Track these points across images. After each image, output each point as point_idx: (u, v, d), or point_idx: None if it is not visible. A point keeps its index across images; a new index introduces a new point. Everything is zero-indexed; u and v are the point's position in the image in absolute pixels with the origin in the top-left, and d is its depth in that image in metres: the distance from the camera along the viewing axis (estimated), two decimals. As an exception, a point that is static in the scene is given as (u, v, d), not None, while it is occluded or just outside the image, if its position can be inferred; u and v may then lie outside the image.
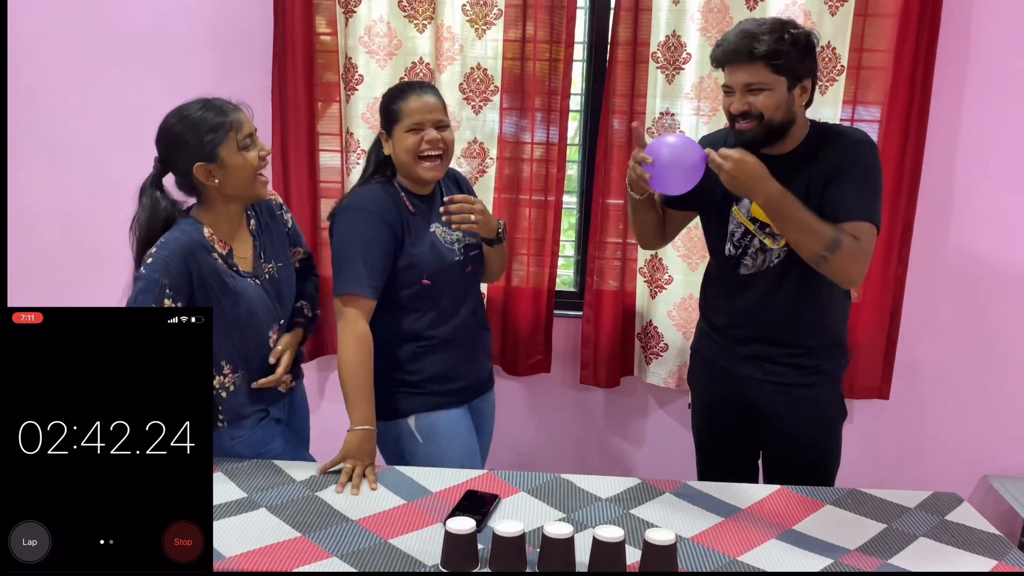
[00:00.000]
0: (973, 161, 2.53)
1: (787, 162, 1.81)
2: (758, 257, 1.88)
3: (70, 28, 2.56)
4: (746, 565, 1.47)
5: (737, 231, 1.90)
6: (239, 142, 1.68)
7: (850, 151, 1.79)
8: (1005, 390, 2.67)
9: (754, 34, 1.73)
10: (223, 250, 1.74)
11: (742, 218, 1.88)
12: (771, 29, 1.73)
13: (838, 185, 1.77)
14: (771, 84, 1.75)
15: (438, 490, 1.71)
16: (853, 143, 1.80)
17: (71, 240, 2.69)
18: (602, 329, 2.60)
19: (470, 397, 2.03)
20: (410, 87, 1.91)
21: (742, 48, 1.74)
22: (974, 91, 2.48)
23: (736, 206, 1.89)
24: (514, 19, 2.43)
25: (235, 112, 1.70)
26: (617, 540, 1.39)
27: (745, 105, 1.77)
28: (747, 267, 1.89)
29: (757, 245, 1.87)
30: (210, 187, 1.70)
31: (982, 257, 2.60)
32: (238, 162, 1.68)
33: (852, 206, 1.75)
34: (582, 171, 2.67)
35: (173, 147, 1.70)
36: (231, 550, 1.45)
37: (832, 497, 1.75)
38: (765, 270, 1.87)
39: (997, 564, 1.51)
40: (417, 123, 1.85)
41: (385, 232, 1.84)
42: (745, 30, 1.75)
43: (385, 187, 1.91)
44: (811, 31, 1.78)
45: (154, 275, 1.62)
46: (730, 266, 1.92)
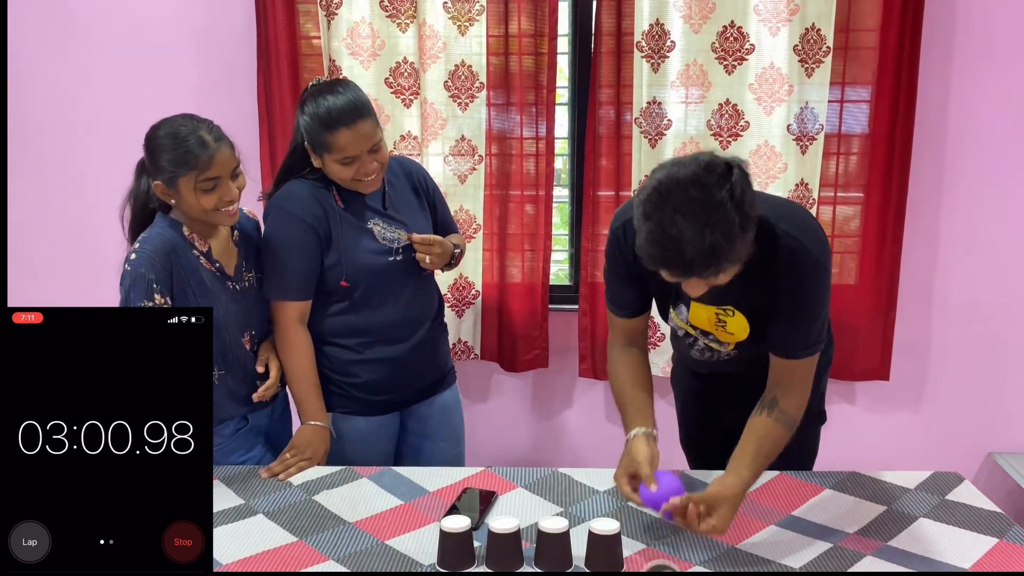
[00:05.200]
0: (963, 137, 2.52)
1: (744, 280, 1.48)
2: (705, 354, 1.73)
3: (56, 33, 2.55)
4: (745, 552, 1.47)
5: (679, 331, 1.74)
6: (198, 183, 1.65)
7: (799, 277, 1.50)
8: (1007, 366, 2.66)
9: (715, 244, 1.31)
10: (203, 248, 1.76)
11: (682, 324, 1.70)
12: (723, 222, 1.31)
13: (778, 317, 1.55)
14: (735, 269, 1.42)
15: (435, 489, 1.71)
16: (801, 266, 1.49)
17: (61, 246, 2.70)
18: (599, 321, 2.59)
19: (400, 405, 2.00)
20: (336, 118, 1.73)
21: (712, 266, 1.35)
22: (961, 67, 2.47)
23: (673, 310, 1.69)
24: (497, 14, 2.42)
25: (210, 151, 1.65)
26: (612, 533, 1.39)
27: (703, 288, 1.44)
28: (696, 359, 1.78)
29: (702, 346, 1.72)
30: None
31: (976, 233, 2.58)
32: (190, 200, 1.67)
33: (793, 346, 1.57)
34: (572, 164, 2.66)
35: (148, 156, 1.72)
36: (228, 556, 1.45)
37: (831, 481, 1.74)
38: (716, 362, 1.74)
39: (998, 542, 1.50)
40: (351, 157, 1.77)
41: (307, 235, 1.82)
42: (697, 240, 1.31)
43: (314, 184, 1.85)
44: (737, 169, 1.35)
45: (140, 270, 1.65)
46: (685, 346, 1.77)
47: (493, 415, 2.74)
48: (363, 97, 1.80)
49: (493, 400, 2.77)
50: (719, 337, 1.66)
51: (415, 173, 2.03)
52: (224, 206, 1.70)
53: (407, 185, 2.00)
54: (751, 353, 1.65)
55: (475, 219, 2.56)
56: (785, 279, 1.50)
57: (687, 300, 1.62)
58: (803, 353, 1.57)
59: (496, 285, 2.60)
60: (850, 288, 2.55)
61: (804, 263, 1.49)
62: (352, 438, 1.94)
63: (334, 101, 1.75)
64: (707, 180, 1.33)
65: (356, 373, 1.92)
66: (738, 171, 1.35)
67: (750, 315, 1.58)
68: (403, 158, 2.08)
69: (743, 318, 1.59)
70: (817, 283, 1.53)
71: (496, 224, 2.57)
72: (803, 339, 1.56)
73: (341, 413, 1.93)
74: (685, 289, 1.46)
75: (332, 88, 1.78)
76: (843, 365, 2.57)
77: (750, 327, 1.60)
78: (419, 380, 2.01)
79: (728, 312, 1.60)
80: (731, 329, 1.62)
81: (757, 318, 1.58)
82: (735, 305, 1.59)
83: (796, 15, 2.36)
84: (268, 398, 1.85)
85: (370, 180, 1.83)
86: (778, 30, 2.37)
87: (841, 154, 2.50)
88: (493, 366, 2.70)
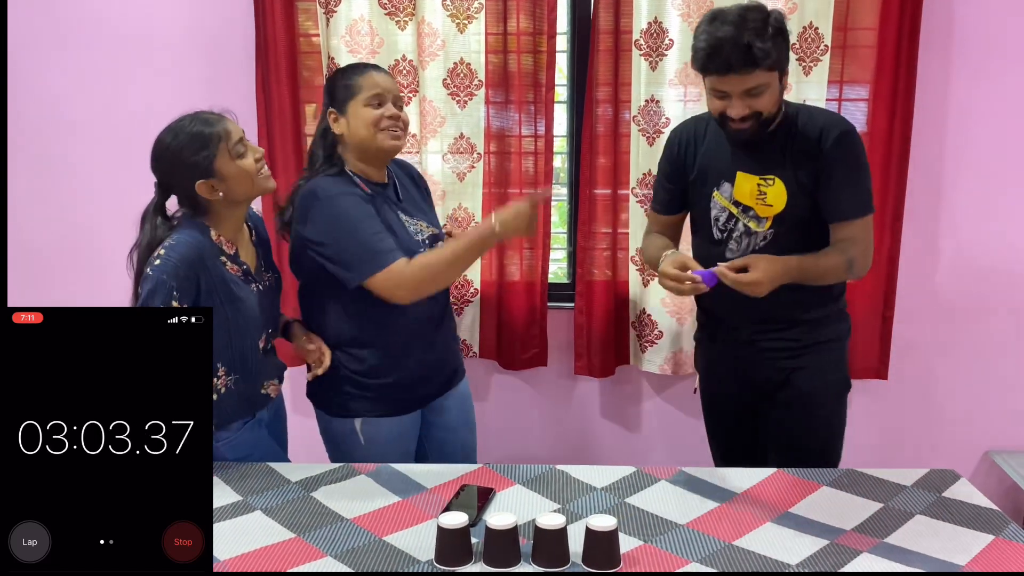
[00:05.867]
0: (961, 135, 2.52)
1: (764, 143, 1.83)
2: (743, 241, 1.88)
3: (52, 32, 2.56)
4: (741, 550, 1.47)
5: (721, 215, 1.89)
6: (231, 151, 1.69)
7: (837, 147, 1.79)
8: (1004, 364, 2.66)
9: (748, 42, 1.67)
10: (230, 250, 1.76)
11: (724, 202, 1.88)
12: (758, 30, 1.68)
13: (832, 187, 1.80)
14: (768, 83, 1.73)
15: (433, 486, 1.71)
16: (839, 136, 1.80)
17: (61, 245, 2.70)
18: (595, 319, 2.60)
19: (425, 401, 2.00)
20: (366, 64, 1.90)
21: (742, 58, 1.68)
22: (959, 66, 2.47)
23: (717, 190, 1.89)
24: (495, 12, 2.42)
25: (221, 123, 1.70)
26: (610, 529, 1.39)
27: (746, 109, 1.75)
28: (732, 251, 1.89)
29: (741, 229, 1.87)
30: (215, 200, 1.71)
31: (973, 232, 2.59)
32: (235, 171, 1.70)
33: (848, 207, 1.83)
34: (570, 162, 2.66)
35: (170, 170, 1.70)
36: (226, 553, 1.45)
37: (829, 478, 1.75)
38: (752, 252, 1.86)
39: (994, 539, 1.51)
40: (378, 95, 1.82)
41: (370, 205, 1.80)
42: (736, 37, 1.67)
43: (336, 177, 1.84)
44: (779, 12, 1.75)
45: (162, 276, 1.62)
46: (720, 249, 1.91)
47: (491, 413, 2.74)
48: None
49: (491, 398, 2.77)
50: (758, 212, 1.84)
51: (415, 174, 2.07)
52: (262, 167, 1.75)
53: (410, 183, 2.03)
54: (785, 237, 1.84)
55: (474, 217, 2.56)
56: (833, 150, 1.79)
57: (731, 176, 1.86)
58: (861, 212, 1.84)
59: (495, 283, 2.60)
60: (848, 287, 2.54)
61: (847, 135, 1.81)
62: (379, 441, 1.92)
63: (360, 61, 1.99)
64: (753, 6, 1.73)
65: (388, 373, 1.90)
66: (780, 13, 1.74)
67: (790, 186, 1.81)
68: (400, 159, 2.07)
69: (782, 186, 1.82)
70: (859, 153, 1.83)
71: (495, 222, 2.57)
72: (860, 200, 1.84)
73: (368, 417, 1.91)
74: (730, 112, 1.76)
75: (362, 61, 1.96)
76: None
77: (787, 197, 1.81)
78: (442, 374, 2.02)
79: (769, 181, 1.83)
80: (770, 200, 1.83)
81: (795, 189, 1.81)
82: (776, 174, 1.82)
83: (794, 13, 2.36)
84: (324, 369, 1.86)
85: (395, 134, 1.84)
86: (776, 29, 2.37)
87: (839, 152, 2.50)
88: (492, 364, 2.70)
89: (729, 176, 1.87)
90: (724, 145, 1.88)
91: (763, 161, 1.82)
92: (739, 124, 1.78)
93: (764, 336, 1.93)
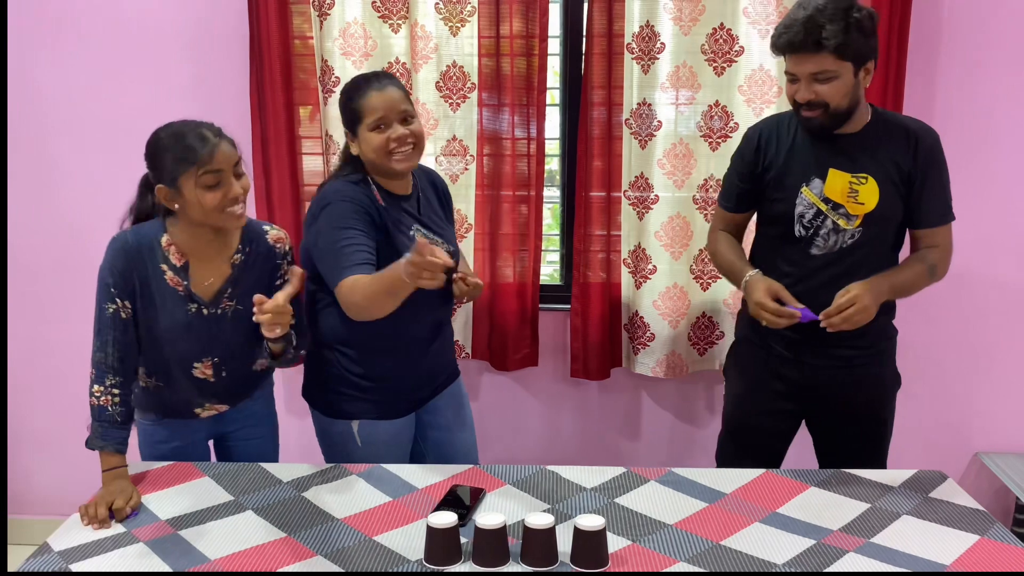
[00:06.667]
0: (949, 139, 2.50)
1: (855, 142, 1.86)
2: (830, 238, 1.88)
3: (48, 32, 2.56)
4: (728, 549, 1.48)
5: (808, 212, 1.88)
6: (199, 180, 1.62)
7: (930, 153, 1.85)
8: (994, 367, 2.67)
9: (820, 23, 1.70)
10: (178, 262, 1.72)
11: (814, 199, 1.87)
12: (834, 15, 1.71)
13: (923, 193, 1.86)
14: (838, 72, 1.74)
15: (424, 486, 1.72)
16: (931, 144, 1.86)
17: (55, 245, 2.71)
18: (590, 321, 2.61)
19: (419, 404, 2.01)
20: (367, 81, 1.83)
21: (809, 38, 1.72)
22: (947, 70, 2.48)
23: (807, 186, 1.88)
24: (488, 16, 2.43)
25: (211, 147, 1.63)
26: (598, 529, 1.40)
27: (811, 94, 1.77)
28: (819, 247, 1.89)
29: (830, 226, 1.87)
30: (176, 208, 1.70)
31: (963, 235, 2.58)
32: (194, 198, 1.64)
33: (936, 214, 1.90)
34: (564, 164, 2.68)
35: (149, 161, 1.71)
36: (217, 552, 1.46)
37: (817, 479, 1.76)
38: (838, 250, 1.88)
39: (979, 539, 1.52)
40: (381, 119, 1.79)
41: (364, 218, 1.79)
42: (812, 18, 1.71)
43: (355, 184, 1.83)
44: (872, 10, 1.77)
45: (103, 272, 1.70)
46: (800, 247, 1.90)
47: (483, 413, 2.75)
48: (395, 78, 1.89)
49: (483, 398, 2.78)
50: (849, 210, 1.85)
51: (439, 185, 2.06)
52: (229, 205, 1.66)
53: (434, 195, 2.02)
54: (873, 237, 1.87)
55: (467, 219, 2.57)
56: (926, 155, 1.85)
57: (823, 173, 1.86)
58: (947, 217, 1.91)
59: (488, 285, 2.61)
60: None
61: (938, 142, 1.87)
62: (376, 443, 1.92)
63: (369, 75, 1.88)
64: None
65: (385, 376, 1.91)
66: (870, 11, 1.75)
67: (883, 185, 1.83)
68: (428, 168, 2.07)
69: (875, 185, 1.84)
70: (943, 162, 1.89)
71: (488, 224, 2.58)
72: (947, 206, 1.91)
73: (365, 419, 1.91)
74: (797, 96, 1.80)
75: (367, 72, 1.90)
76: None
77: (880, 196, 1.83)
78: (437, 377, 2.04)
79: (862, 180, 1.84)
80: (863, 198, 1.84)
81: (888, 189, 1.84)
82: (870, 172, 1.84)
83: (785, 17, 2.38)
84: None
85: (403, 154, 1.81)
86: (767, 32, 2.38)
87: (830, 156, 2.52)
88: (484, 365, 2.71)
89: (820, 172, 1.87)
90: (814, 142, 1.88)
91: (856, 159, 1.84)
92: (807, 111, 1.80)
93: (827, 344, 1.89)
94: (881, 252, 1.90)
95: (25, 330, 2.74)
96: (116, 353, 1.69)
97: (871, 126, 1.87)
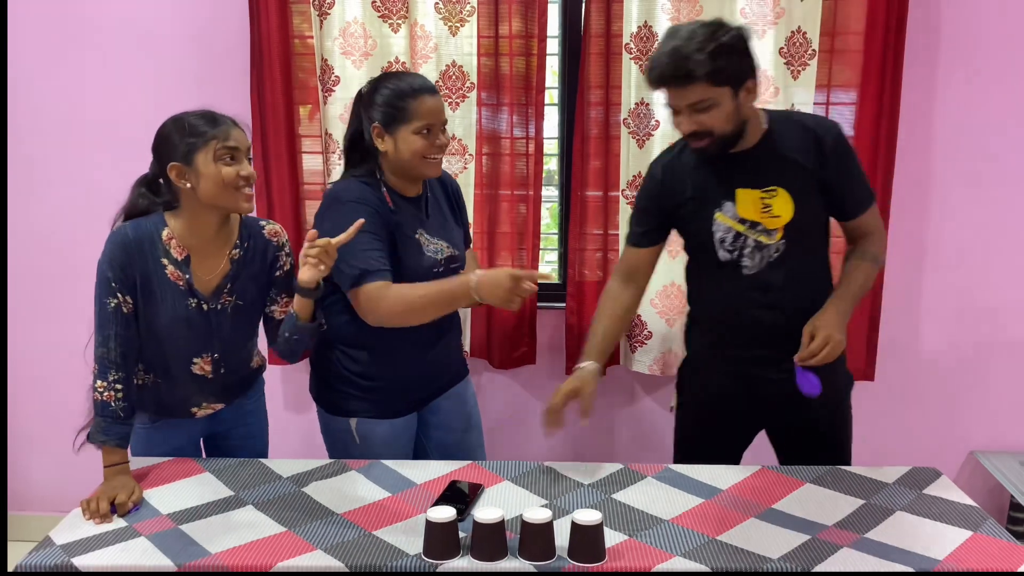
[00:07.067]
0: (945, 139, 2.55)
1: (756, 156, 1.82)
2: (756, 256, 1.84)
3: (49, 33, 2.57)
4: (724, 544, 1.50)
5: (727, 236, 1.85)
6: (216, 152, 1.65)
7: (834, 147, 1.81)
8: (989, 366, 2.69)
9: (687, 54, 1.66)
10: (179, 256, 1.73)
11: (730, 222, 1.84)
12: (702, 43, 1.66)
13: (846, 184, 1.85)
14: (715, 99, 1.70)
15: (423, 482, 1.73)
16: (833, 137, 1.82)
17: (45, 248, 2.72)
18: (586, 320, 2.62)
19: (421, 404, 2.02)
20: (420, 87, 1.83)
21: (679, 71, 1.67)
22: (944, 70, 2.51)
23: (719, 211, 1.85)
24: (487, 16, 2.44)
25: (225, 126, 1.68)
26: (595, 523, 1.42)
27: (694, 125, 1.73)
28: (748, 268, 1.85)
29: (752, 244, 1.84)
30: (184, 191, 1.69)
31: (958, 235, 2.62)
32: (210, 171, 1.65)
33: (860, 202, 1.88)
34: (562, 164, 2.69)
35: (157, 146, 1.71)
36: (217, 546, 1.47)
37: (812, 476, 1.78)
38: (767, 266, 1.85)
39: (972, 534, 1.54)
40: (429, 126, 1.80)
41: (378, 220, 1.80)
42: (677, 49, 1.67)
43: (367, 185, 1.84)
44: (742, 27, 1.73)
45: (103, 267, 1.70)
46: (730, 270, 1.87)
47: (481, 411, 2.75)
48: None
49: (481, 396, 2.76)
50: (766, 225, 1.83)
51: (450, 185, 2.07)
52: (243, 185, 1.68)
53: (443, 195, 2.03)
54: (797, 244, 1.84)
55: (465, 217, 2.58)
56: (832, 150, 1.81)
57: (732, 195, 1.83)
58: (868, 204, 1.89)
59: (486, 283, 2.62)
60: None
61: (839, 136, 1.83)
62: (374, 442, 1.93)
63: (415, 77, 1.89)
64: (708, 21, 1.71)
65: (390, 375, 1.93)
66: (739, 29, 1.71)
67: (794, 193, 1.81)
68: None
69: (787, 195, 1.81)
70: (850, 146, 1.86)
71: (486, 223, 2.59)
72: (865, 190, 1.89)
73: (363, 417, 1.93)
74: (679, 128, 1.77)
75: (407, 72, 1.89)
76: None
77: (794, 204, 1.81)
78: (440, 379, 2.05)
79: (772, 192, 1.81)
80: (777, 211, 1.82)
81: (800, 196, 1.81)
82: (777, 183, 1.81)
83: (782, 18, 2.39)
84: None
85: (437, 160, 1.85)
86: (764, 33, 2.41)
87: (827, 156, 2.53)
88: (482, 363, 2.73)
89: (728, 195, 1.83)
90: (715, 166, 1.84)
91: (760, 173, 1.81)
92: (695, 141, 1.76)
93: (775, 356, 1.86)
94: (811, 256, 1.88)
95: (22, 327, 2.75)
96: (118, 348, 1.69)
97: (768, 136, 1.82)
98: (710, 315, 1.99)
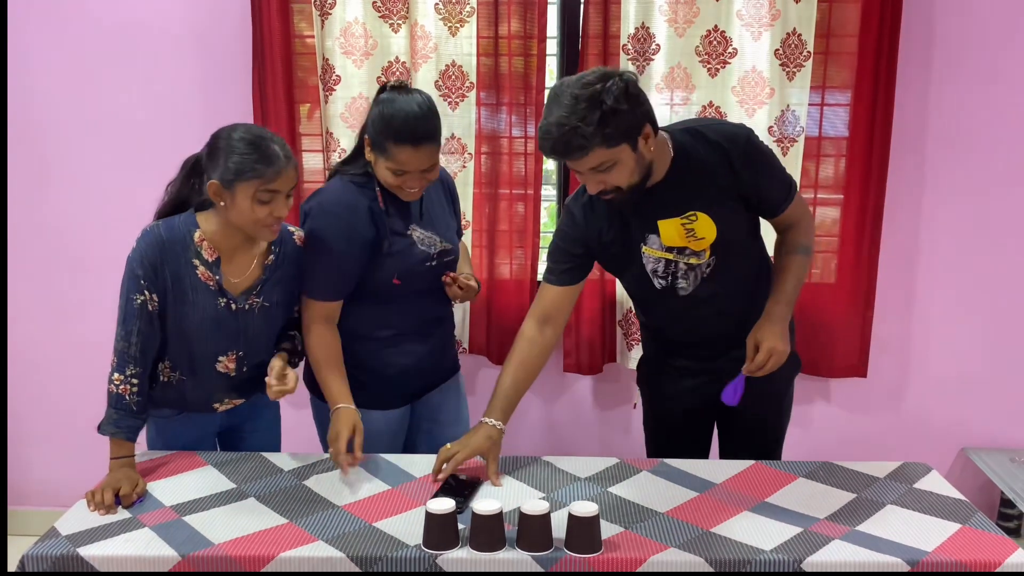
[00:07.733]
0: (939, 140, 2.58)
1: (669, 186, 1.76)
2: (689, 276, 1.84)
3: (50, 32, 2.59)
4: (718, 536, 1.53)
5: (658, 266, 1.84)
6: (257, 192, 1.67)
7: (745, 156, 1.75)
8: (981, 363, 2.72)
9: (573, 127, 1.57)
10: (210, 257, 1.76)
11: (658, 253, 1.83)
12: (585, 113, 1.56)
13: (760, 189, 1.80)
14: (614, 158, 1.63)
15: (422, 475, 1.76)
16: (741, 146, 1.75)
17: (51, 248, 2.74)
18: (583, 318, 2.65)
19: (414, 397, 2.05)
20: (410, 134, 1.75)
21: (570, 146, 1.60)
22: (938, 72, 2.53)
23: (645, 245, 1.83)
24: (487, 16, 2.47)
25: (276, 167, 1.67)
26: (591, 515, 1.44)
27: (600, 185, 1.69)
28: (684, 288, 1.86)
29: (683, 268, 1.83)
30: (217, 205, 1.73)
31: (951, 233, 2.65)
32: (245, 206, 1.68)
33: (782, 197, 1.85)
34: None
35: (209, 151, 1.73)
36: (220, 537, 1.50)
37: (805, 470, 1.81)
38: (702, 281, 1.85)
39: (961, 527, 1.57)
40: (402, 171, 1.80)
41: (355, 236, 1.84)
42: (562, 123, 1.57)
43: (359, 187, 1.88)
44: (625, 74, 1.62)
45: (133, 264, 1.72)
46: (666, 295, 1.87)
47: (481, 407, 2.77)
48: (437, 119, 1.81)
49: (481, 392, 2.81)
50: (693, 248, 1.81)
51: (446, 180, 2.10)
52: (273, 222, 1.71)
53: (440, 190, 2.05)
54: (728, 256, 1.83)
55: (465, 216, 2.61)
56: (743, 160, 1.75)
57: (654, 228, 1.80)
58: (789, 199, 1.86)
59: (485, 282, 2.65)
60: (829, 287, 2.62)
61: (747, 143, 1.77)
62: (368, 434, 1.92)
63: (410, 113, 1.76)
64: (589, 80, 1.60)
65: (384, 367, 1.96)
66: (620, 79, 1.60)
67: (712, 212, 1.77)
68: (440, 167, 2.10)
69: (706, 217, 1.78)
70: (761, 148, 1.80)
71: (485, 222, 2.62)
72: (783, 190, 1.85)
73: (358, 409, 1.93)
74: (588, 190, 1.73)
75: (411, 97, 1.78)
76: (821, 362, 2.64)
77: (716, 224, 1.78)
78: (434, 372, 2.08)
79: (692, 218, 1.78)
80: (701, 233, 1.79)
81: (720, 213, 1.78)
82: (695, 208, 1.77)
83: (778, 20, 2.42)
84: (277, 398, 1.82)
85: (412, 192, 1.86)
86: (760, 35, 2.44)
87: (821, 156, 2.56)
88: (481, 360, 2.75)
89: (651, 228, 1.80)
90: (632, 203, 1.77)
91: (677, 202, 1.77)
92: (605, 196, 1.72)
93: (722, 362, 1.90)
94: (743, 258, 1.88)
95: (23, 323, 2.77)
96: (139, 343, 1.72)
97: (676, 163, 1.75)
98: (659, 331, 2.03)
